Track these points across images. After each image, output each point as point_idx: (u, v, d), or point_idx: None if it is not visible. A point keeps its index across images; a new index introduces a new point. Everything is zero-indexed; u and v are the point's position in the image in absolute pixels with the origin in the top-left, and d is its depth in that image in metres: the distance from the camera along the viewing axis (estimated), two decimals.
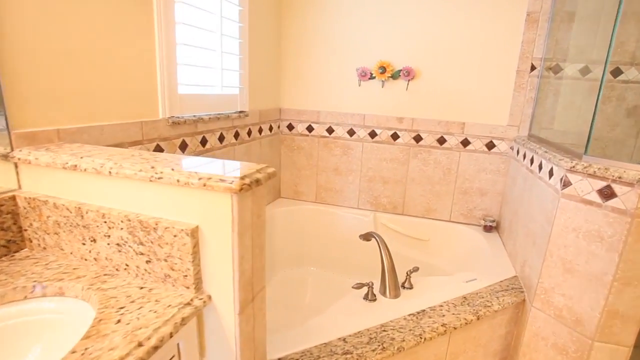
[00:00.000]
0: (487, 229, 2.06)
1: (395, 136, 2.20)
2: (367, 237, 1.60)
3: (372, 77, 2.17)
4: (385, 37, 2.11)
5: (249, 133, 2.09)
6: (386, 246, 1.50)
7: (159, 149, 1.43)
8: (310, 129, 2.40)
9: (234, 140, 1.94)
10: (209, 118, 1.68)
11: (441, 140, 2.11)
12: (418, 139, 2.15)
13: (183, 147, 1.57)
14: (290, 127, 2.45)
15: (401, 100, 2.15)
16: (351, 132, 2.30)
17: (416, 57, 2.07)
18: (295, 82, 2.37)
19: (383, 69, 2.10)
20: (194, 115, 1.60)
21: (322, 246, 2.42)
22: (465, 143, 2.07)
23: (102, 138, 1.19)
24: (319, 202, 2.50)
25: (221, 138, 1.83)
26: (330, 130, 2.35)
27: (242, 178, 0.76)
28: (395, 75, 2.11)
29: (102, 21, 1.16)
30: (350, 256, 2.35)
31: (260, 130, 2.22)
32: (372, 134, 2.25)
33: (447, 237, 2.17)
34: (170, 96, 1.46)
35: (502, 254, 1.82)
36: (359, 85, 2.22)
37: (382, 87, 2.17)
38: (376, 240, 1.53)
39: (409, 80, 2.10)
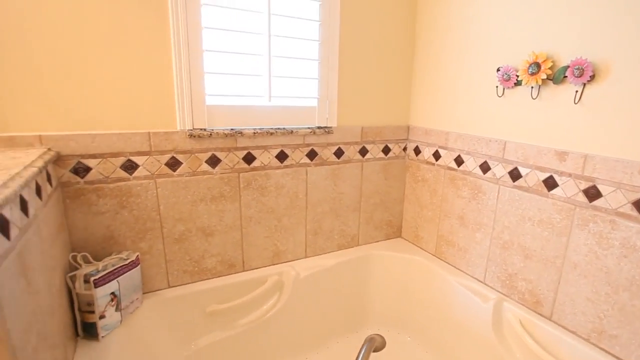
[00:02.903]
0: None
1: (550, 183, 1.21)
2: (366, 340, 0.92)
3: (519, 82, 1.27)
4: (545, 10, 1.17)
5: (339, 154, 1.67)
6: None
7: (174, 161, 1.31)
8: (437, 155, 1.69)
9: (306, 160, 1.59)
10: (254, 133, 1.41)
11: None
12: (593, 194, 1.09)
13: (214, 162, 1.38)
14: (417, 150, 1.81)
15: (565, 121, 1.15)
16: (485, 167, 1.45)
17: (600, 42, 1.04)
18: (426, 91, 1.72)
19: (536, 67, 1.18)
20: (232, 129, 1.38)
21: (427, 317, 1.68)
22: None
23: (92, 146, 1.17)
24: (438, 257, 1.74)
25: (282, 156, 1.52)
26: (459, 161, 1.57)
27: None
28: (557, 77, 1.14)
29: (103, 27, 1.13)
30: (456, 345, 1.51)
31: (363, 152, 1.74)
32: (514, 174, 1.33)
33: None
34: (194, 107, 1.31)
35: None
36: (500, 95, 1.36)
37: (534, 97, 1.23)
38: (359, 353, 0.84)
39: (583, 85, 1.09)
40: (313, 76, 1.52)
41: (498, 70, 1.33)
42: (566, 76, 1.11)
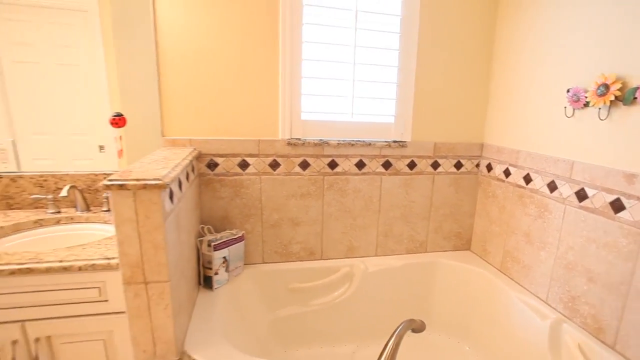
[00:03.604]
0: None
1: (617, 205, 1.19)
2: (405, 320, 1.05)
3: (588, 103, 1.27)
4: (616, 32, 1.17)
5: (412, 165, 1.81)
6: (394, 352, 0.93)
7: (275, 163, 1.61)
8: (507, 173, 1.72)
9: (382, 170, 1.76)
10: (338, 143, 1.65)
11: None
12: None
13: (304, 165, 1.65)
14: (489, 167, 1.85)
15: (635, 143, 1.13)
16: (552, 187, 1.45)
17: None
18: (500, 109, 1.76)
19: (604, 88, 1.19)
20: (320, 140, 1.64)
21: (487, 329, 1.70)
22: None
23: (221, 148, 1.54)
24: (503, 272, 1.74)
25: (360, 165, 1.73)
26: (527, 179, 1.58)
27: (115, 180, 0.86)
28: (627, 98, 1.14)
29: (236, 63, 1.49)
30: None
31: (435, 165, 1.85)
32: (581, 195, 1.32)
33: None
34: (292, 121, 1.59)
35: None
36: (570, 116, 1.36)
37: (603, 118, 1.23)
38: (391, 337, 0.98)
39: None
40: (391, 97, 1.70)
41: (568, 91, 1.34)
42: (636, 97, 1.10)
